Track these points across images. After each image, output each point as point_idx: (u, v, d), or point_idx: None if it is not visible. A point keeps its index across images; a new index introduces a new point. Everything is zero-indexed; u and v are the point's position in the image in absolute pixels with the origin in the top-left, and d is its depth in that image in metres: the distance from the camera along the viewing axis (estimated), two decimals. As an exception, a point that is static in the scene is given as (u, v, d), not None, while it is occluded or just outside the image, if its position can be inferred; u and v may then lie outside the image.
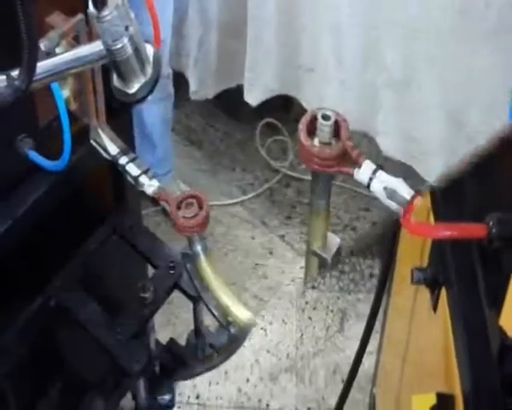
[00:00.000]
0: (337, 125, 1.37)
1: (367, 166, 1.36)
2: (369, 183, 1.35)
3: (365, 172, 1.35)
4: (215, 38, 2.93)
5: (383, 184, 1.34)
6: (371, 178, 1.35)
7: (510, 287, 0.77)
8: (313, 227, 1.55)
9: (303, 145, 1.38)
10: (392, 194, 1.33)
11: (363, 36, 2.55)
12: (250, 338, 2.46)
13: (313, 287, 2.72)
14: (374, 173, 1.35)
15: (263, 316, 2.69)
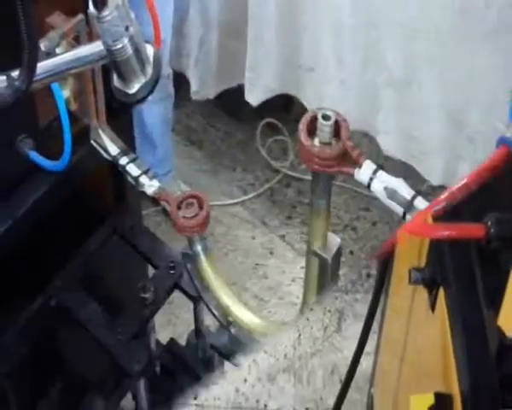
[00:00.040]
0: (337, 125, 1.37)
1: (367, 166, 1.35)
2: (370, 183, 1.35)
3: (366, 172, 1.35)
4: (216, 38, 2.94)
5: (383, 184, 1.34)
6: (371, 178, 1.35)
7: (509, 287, 0.77)
8: (313, 227, 1.55)
9: (303, 145, 1.38)
10: (392, 194, 1.33)
11: (363, 36, 2.55)
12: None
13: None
14: (374, 173, 1.35)
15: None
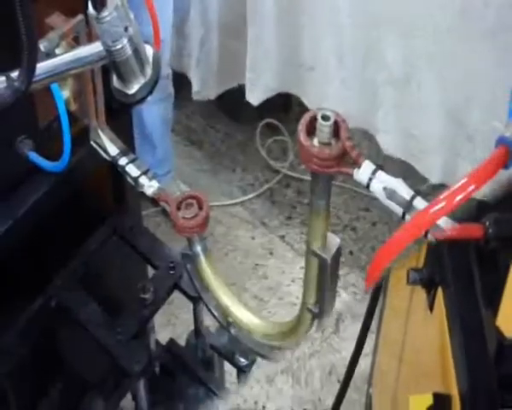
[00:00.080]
0: (337, 125, 1.37)
1: (366, 166, 1.35)
2: (369, 183, 1.35)
3: (365, 172, 1.35)
4: (216, 38, 2.94)
5: (383, 185, 1.33)
6: (371, 178, 1.34)
7: (507, 287, 0.78)
8: (313, 227, 1.55)
9: (302, 145, 1.37)
10: (391, 194, 1.32)
11: (363, 34, 2.55)
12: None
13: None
14: (373, 174, 1.34)
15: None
